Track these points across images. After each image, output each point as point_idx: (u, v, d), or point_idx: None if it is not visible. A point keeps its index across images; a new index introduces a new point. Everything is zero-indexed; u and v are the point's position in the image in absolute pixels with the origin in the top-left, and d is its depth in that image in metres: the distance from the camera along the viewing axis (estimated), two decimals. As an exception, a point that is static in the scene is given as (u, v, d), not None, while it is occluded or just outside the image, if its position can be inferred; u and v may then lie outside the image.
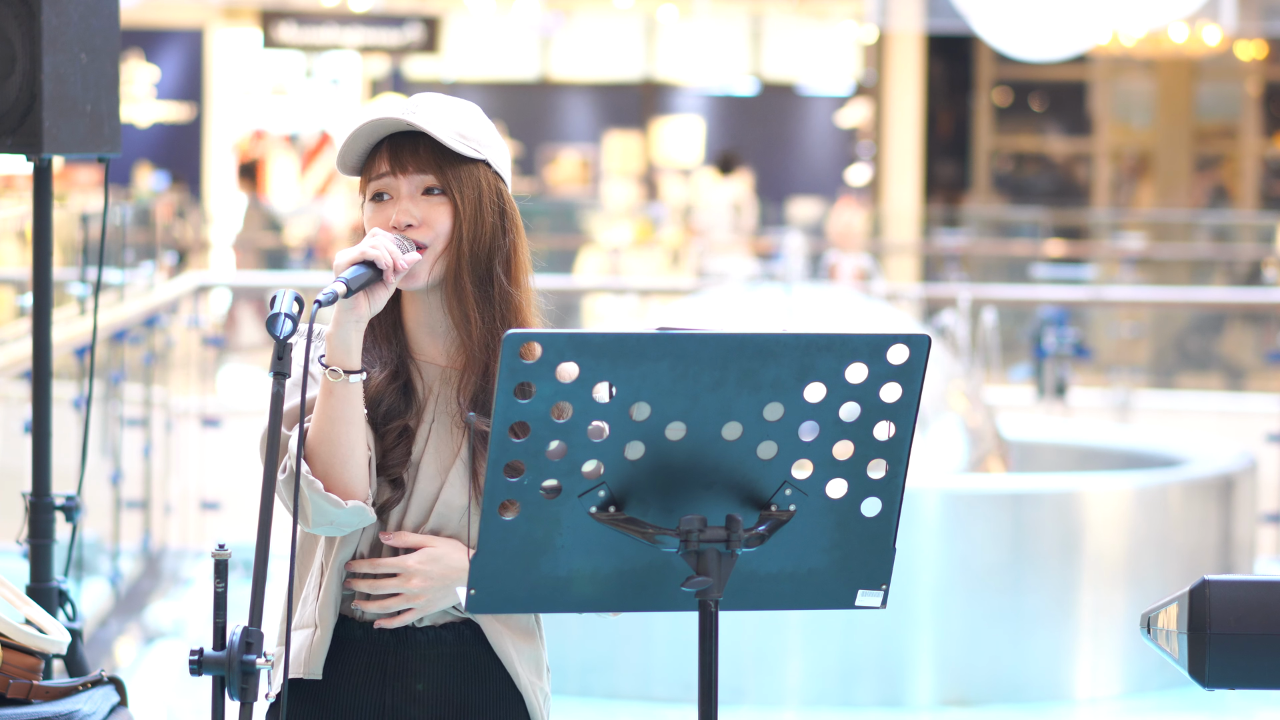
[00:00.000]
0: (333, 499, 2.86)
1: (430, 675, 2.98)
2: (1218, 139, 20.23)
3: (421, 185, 2.98)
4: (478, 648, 2.99)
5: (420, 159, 2.97)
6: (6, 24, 3.98)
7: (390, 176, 2.98)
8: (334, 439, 2.87)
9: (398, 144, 2.98)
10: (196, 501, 9.62)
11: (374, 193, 2.99)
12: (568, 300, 14.34)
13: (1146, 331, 14.10)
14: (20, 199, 11.38)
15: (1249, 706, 6.95)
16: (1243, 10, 14.98)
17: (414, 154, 2.98)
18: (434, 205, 2.98)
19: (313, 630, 2.95)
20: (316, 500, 2.85)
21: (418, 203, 2.97)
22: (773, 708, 6.88)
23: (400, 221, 2.96)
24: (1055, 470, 8.59)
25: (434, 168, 2.98)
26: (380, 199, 2.98)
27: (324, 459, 2.87)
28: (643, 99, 23.95)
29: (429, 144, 2.98)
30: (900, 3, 16.09)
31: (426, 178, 2.98)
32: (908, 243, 17.87)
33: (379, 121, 2.97)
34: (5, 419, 7.03)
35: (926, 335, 2.64)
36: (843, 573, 2.75)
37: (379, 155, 2.98)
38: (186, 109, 22.11)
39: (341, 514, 2.87)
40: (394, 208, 2.97)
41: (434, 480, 2.96)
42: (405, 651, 2.98)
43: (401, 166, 2.97)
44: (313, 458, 2.87)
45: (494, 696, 3.00)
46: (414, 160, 2.97)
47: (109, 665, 7.17)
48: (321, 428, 2.87)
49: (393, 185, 2.98)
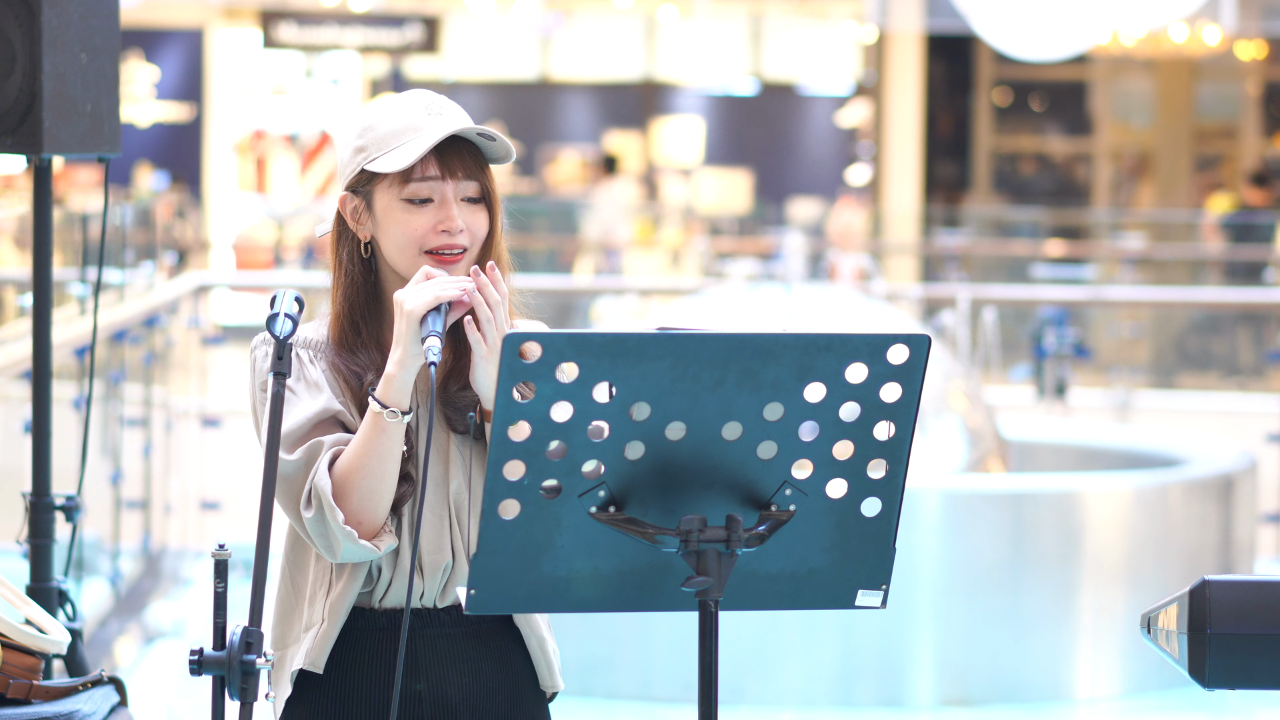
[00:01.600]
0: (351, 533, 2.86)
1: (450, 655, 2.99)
2: (1218, 139, 20.23)
3: (465, 192, 2.97)
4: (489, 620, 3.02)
5: (467, 165, 2.97)
6: (6, 24, 3.98)
7: (439, 180, 2.95)
8: (379, 475, 2.86)
9: (442, 147, 2.96)
10: (196, 501, 9.62)
11: (414, 196, 2.95)
12: (568, 300, 14.34)
13: (1146, 331, 14.10)
14: (20, 199, 11.39)
15: (1249, 706, 6.95)
16: (1243, 10, 14.98)
17: (460, 159, 2.97)
18: (474, 212, 2.98)
19: (319, 625, 2.96)
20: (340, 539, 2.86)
21: (461, 208, 2.96)
22: (772, 708, 6.88)
23: (454, 227, 2.94)
24: (1055, 470, 8.59)
25: (478, 174, 2.98)
26: (420, 203, 2.96)
27: (363, 492, 2.86)
28: (643, 99, 23.95)
29: (469, 149, 2.98)
30: (900, 3, 16.09)
31: (472, 184, 2.97)
32: (908, 243, 17.86)
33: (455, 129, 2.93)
34: (5, 419, 7.03)
35: (926, 335, 2.64)
36: (843, 573, 2.75)
37: (422, 157, 2.95)
38: (186, 109, 22.11)
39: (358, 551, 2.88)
40: (440, 213, 2.95)
41: (438, 466, 2.97)
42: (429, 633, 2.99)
43: (452, 172, 2.96)
44: (350, 491, 2.86)
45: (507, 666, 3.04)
46: (463, 166, 2.96)
47: (109, 665, 7.17)
48: (367, 464, 2.85)
49: (439, 190, 2.96)
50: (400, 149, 2.95)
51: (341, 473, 2.86)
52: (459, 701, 3.01)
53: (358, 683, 2.98)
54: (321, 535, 2.86)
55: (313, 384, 2.94)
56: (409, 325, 2.84)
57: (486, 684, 3.02)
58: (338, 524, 2.84)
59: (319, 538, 2.86)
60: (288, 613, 3.00)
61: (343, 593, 2.95)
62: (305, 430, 2.90)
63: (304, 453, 2.87)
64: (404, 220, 2.95)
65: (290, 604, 3.00)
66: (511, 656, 3.05)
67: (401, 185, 2.95)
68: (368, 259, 3.00)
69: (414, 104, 2.98)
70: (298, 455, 2.86)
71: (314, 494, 2.85)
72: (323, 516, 2.84)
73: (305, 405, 2.91)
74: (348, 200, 3.00)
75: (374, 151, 2.96)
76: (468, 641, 3.01)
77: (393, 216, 2.96)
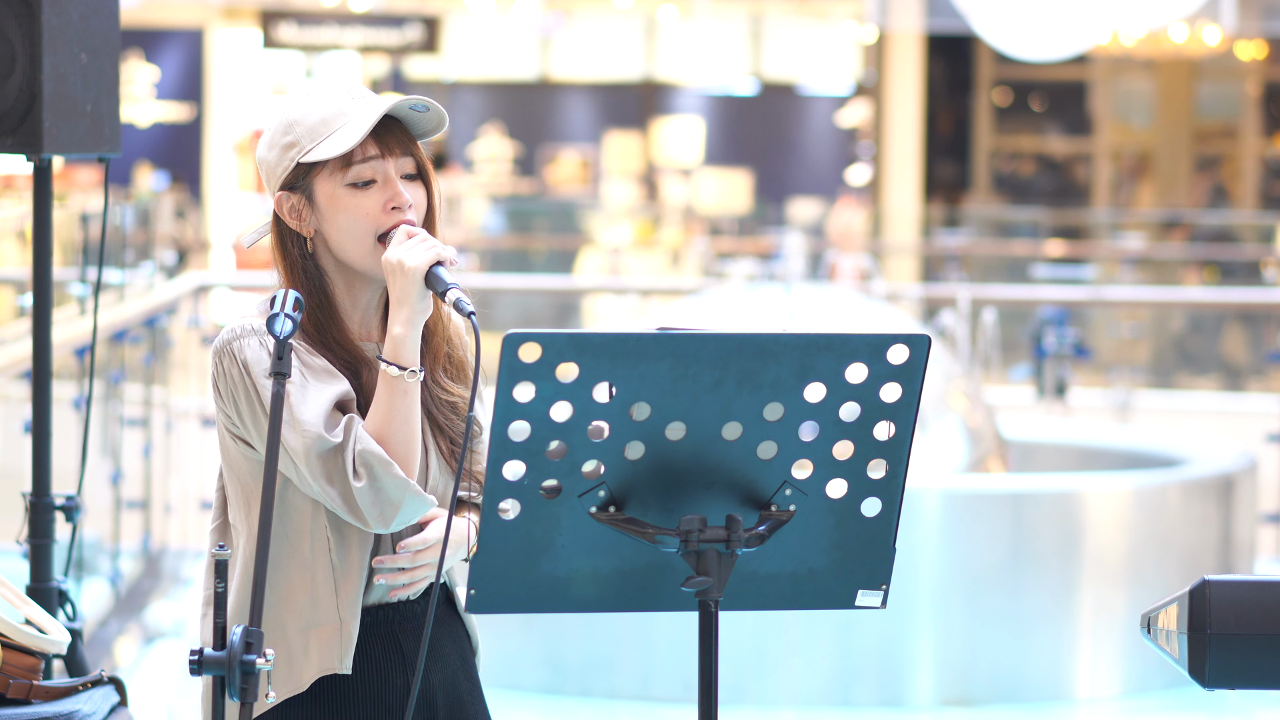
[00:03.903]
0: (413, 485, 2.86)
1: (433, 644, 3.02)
2: (1218, 139, 20.22)
3: (404, 169, 2.97)
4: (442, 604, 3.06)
5: (403, 142, 2.97)
6: (6, 24, 3.98)
7: (379, 160, 2.94)
8: (408, 436, 2.87)
9: (379, 128, 2.95)
10: (196, 501, 9.62)
11: (358, 179, 2.94)
12: (568, 300, 14.34)
13: (1146, 331, 14.10)
14: (20, 199, 11.38)
15: (1249, 706, 6.95)
16: (1243, 10, 14.98)
17: (395, 137, 2.96)
18: (415, 188, 2.97)
19: (337, 625, 2.94)
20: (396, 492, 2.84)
21: (403, 185, 2.96)
22: (772, 708, 6.88)
23: (403, 202, 2.93)
24: (1055, 470, 8.59)
25: (413, 150, 2.98)
26: (364, 185, 2.95)
27: (400, 458, 2.86)
28: (643, 99, 23.94)
29: (400, 127, 2.98)
30: (900, 3, 16.09)
31: (409, 160, 2.97)
32: (908, 243, 17.86)
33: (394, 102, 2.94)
34: (5, 419, 7.03)
35: (926, 335, 2.64)
36: (843, 573, 2.75)
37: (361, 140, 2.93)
38: (186, 109, 22.11)
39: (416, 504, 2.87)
40: (386, 191, 2.94)
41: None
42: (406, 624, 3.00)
43: (390, 149, 2.95)
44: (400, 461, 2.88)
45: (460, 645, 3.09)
46: (399, 143, 2.96)
47: (109, 665, 7.17)
48: (396, 428, 2.86)
49: (381, 169, 2.95)
50: (336, 134, 2.93)
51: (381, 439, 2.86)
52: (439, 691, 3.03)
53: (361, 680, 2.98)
54: (373, 502, 2.83)
55: (320, 370, 2.91)
56: (414, 283, 2.85)
57: (453, 671, 3.05)
58: (396, 477, 2.83)
59: (370, 506, 2.83)
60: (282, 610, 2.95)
61: (356, 590, 2.95)
62: (332, 410, 2.88)
63: (341, 429, 2.85)
64: (352, 205, 2.94)
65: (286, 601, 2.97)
66: (461, 640, 3.09)
67: (343, 171, 2.94)
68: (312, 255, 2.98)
69: (334, 92, 2.97)
70: (338, 434, 2.85)
71: (362, 460, 2.83)
72: (375, 480, 2.82)
73: (323, 390, 2.89)
74: (284, 199, 2.97)
75: (306, 143, 2.94)
76: (437, 629, 3.02)
77: (339, 204, 2.94)
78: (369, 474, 2.83)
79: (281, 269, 2.99)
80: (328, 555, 2.95)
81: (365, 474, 2.83)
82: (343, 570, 2.95)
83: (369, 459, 2.83)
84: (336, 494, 2.85)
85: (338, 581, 2.95)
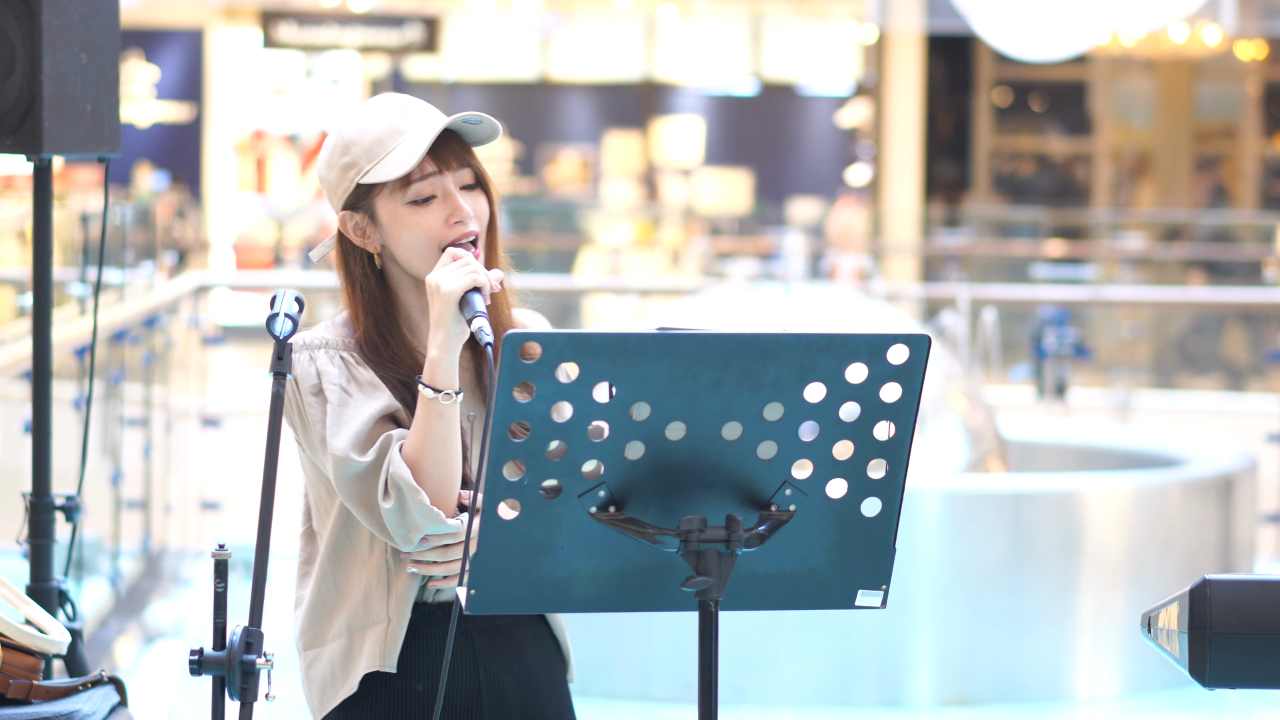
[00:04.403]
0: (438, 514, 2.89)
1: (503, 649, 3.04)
2: (1218, 139, 20.22)
3: (462, 180, 3.00)
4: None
5: (458, 154, 3.00)
6: (6, 24, 3.98)
7: (438, 175, 2.98)
8: (445, 459, 2.90)
9: (434, 141, 2.98)
10: (196, 501, 9.62)
11: (418, 196, 2.98)
12: (568, 300, 14.33)
13: (1146, 331, 14.10)
14: (20, 199, 11.38)
15: (1249, 706, 6.95)
16: (1243, 10, 14.98)
17: (452, 150, 2.99)
18: (474, 198, 3.01)
19: (385, 624, 2.97)
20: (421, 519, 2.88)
21: (462, 197, 2.99)
22: (773, 708, 6.88)
23: (465, 216, 2.97)
24: (1055, 470, 8.59)
25: (470, 161, 3.02)
26: (424, 202, 2.98)
27: (434, 478, 2.89)
28: (643, 99, 23.94)
29: (455, 138, 3.00)
30: (900, 3, 16.09)
31: (466, 172, 3.00)
32: (908, 243, 17.86)
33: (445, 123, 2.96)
34: (5, 419, 7.03)
35: (926, 335, 2.64)
36: (843, 573, 2.75)
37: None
38: (186, 109, 22.10)
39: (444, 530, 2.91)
40: (446, 206, 2.98)
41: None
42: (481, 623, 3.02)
43: (447, 164, 2.99)
44: (422, 479, 2.89)
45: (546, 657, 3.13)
46: (455, 156, 3.00)
47: (109, 665, 7.17)
48: (431, 450, 2.88)
49: (440, 184, 2.98)
50: (393, 155, 2.96)
51: (409, 463, 2.89)
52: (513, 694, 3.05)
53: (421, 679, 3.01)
54: (399, 524, 2.88)
55: (366, 384, 2.96)
56: (448, 308, 2.87)
57: (535, 676, 3.08)
58: (421, 505, 2.86)
59: (397, 527, 2.88)
60: (329, 610, 3.02)
61: (406, 590, 2.97)
62: (369, 429, 2.92)
63: (376, 450, 2.89)
64: (415, 223, 2.98)
65: (332, 601, 3.02)
66: (547, 647, 3.12)
67: (403, 190, 2.98)
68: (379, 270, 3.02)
69: (388, 109, 3.01)
70: (370, 455, 2.89)
71: (391, 483, 2.87)
72: (403, 504, 2.86)
73: (365, 405, 2.93)
74: (348, 219, 3.01)
75: (364, 164, 2.98)
76: (514, 633, 3.05)
77: (403, 222, 2.98)
78: (398, 497, 2.87)
79: (344, 284, 3.04)
80: (384, 555, 2.99)
81: (394, 496, 2.88)
82: (395, 570, 2.99)
83: (399, 483, 2.87)
84: (365, 513, 2.92)
85: (390, 581, 2.98)
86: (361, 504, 2.90)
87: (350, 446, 2.89)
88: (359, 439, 2.90)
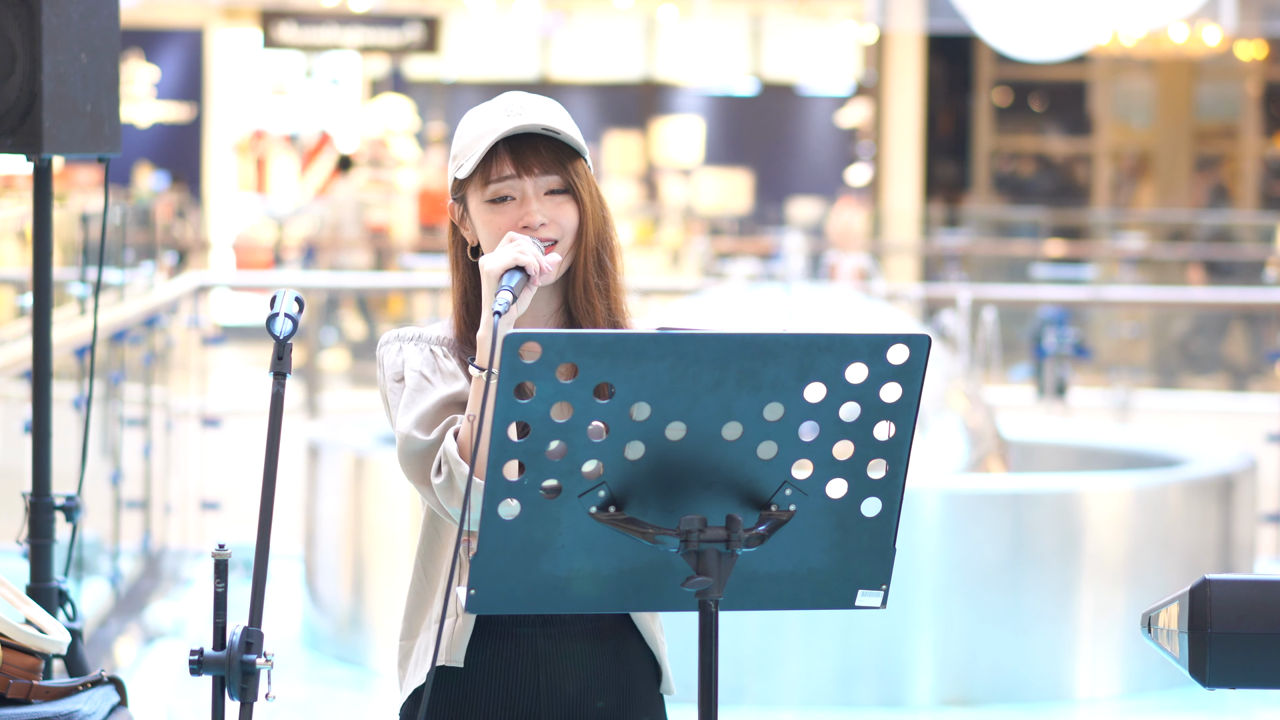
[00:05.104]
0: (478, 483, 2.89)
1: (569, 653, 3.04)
2: (1218, 139, 20.23)
3: (546, 186, 3.02)
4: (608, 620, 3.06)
5: (544, 160, 3.02)
6: (6, 24, 3.98)
7: (515, 179, 3.01)
8: None
9: (518, 146, 3.01)
10: (196, 501, 9.62)
11: (495, 195, 3.01)
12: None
13: (1146, 331, 14.10)
14: (20, 199, 11.38)
15: (1249, 706, 6.95)
16: (1243, 10, 14.98)
17: (537, 155, 3.02)
18: (559, 204, 3.02)
19: (454, 620, 3.00)
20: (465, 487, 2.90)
21: (544, 203, 3.01)
22: (773, 708, 6.88)
23: (533, 222, 2.99)
24: (1055, 470, 8.59)
25: (558, 168, 3.03)
26: (501, 201, 3.01)
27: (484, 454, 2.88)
28: (643, 99, 23.95)
29: (548, 144, 3.02)
30: (900, 3, 16.09)
31: (552, 179, 3.02)
32: (908, 243, 17.86)
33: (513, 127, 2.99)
34: (5, 419, 7.03)
35: (926, 335, 2.64)
36: (843, 573, 2.75)
37: (497, 158, 3.01)
38: (186, 109, 22.11)
39: None
40: (520, 210, 3.01)
41: None
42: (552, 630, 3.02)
43: (527, 168, 3.01)
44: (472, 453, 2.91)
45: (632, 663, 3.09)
46: (539, 162, 3.02)
47: (109, 665, 7.17)
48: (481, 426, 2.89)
49: (518, 187, 3.01)
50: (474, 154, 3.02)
51: (462, 439, 2.92)
52: (574, 699, 3.04)
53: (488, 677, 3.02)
54: (450, 499, 2.91)
55: (448, 374, 3.00)
56: (491, 285, 2.91)
57: (605, 682, 3.06)
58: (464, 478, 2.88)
59: (449, 502, 2.92)
60: (421, 602, 3.06)
61: None
62: (436, 411, 2.96)
63: (439, 431, 2.94)
64: (490, 221, 3.02)
65: (425, 594, 3.06)
66: (627, 655, 3.09)
67: (484, 188, 3.02)
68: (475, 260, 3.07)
69: (496, 108, 3.06)
70: (433, 435, 2.94)
71: (444, 459, 2.91)
72: (450, 478, 2.89)
73: (437, 391, 2.98)
74: (454, 208, 3.09)
75: (461, 159, 3.04)
76: (586, 639, 3.05)
77: (482, 219, 3.03)
78: (447, 472, 2.91)
79: (450, 267, 3.11)
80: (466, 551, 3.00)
81: (445, 471, 2.91)
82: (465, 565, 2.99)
83: (448, 458, 2.91)
84: (423, 488, 2.96)
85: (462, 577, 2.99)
86: (420, 480, 2.95)
87: (414, 425, 2.95)
88: (424, 419, 2.95)
